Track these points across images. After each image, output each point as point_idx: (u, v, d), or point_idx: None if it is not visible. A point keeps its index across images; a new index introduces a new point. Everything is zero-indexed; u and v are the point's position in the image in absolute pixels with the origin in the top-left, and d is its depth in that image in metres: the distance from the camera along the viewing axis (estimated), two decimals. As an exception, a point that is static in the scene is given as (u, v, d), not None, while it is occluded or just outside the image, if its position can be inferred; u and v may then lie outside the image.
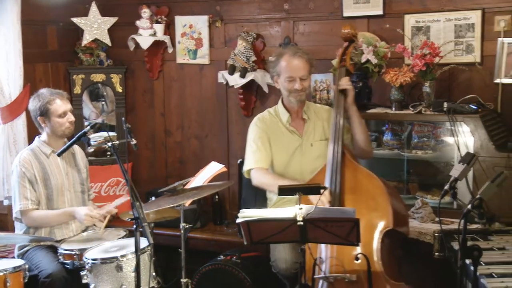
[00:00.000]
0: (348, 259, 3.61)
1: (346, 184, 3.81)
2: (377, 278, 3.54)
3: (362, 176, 3.82)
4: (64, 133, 4.25)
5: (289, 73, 4.06)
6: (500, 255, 3.27)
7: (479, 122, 4.09)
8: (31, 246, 4.16)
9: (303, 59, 4.07)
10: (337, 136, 3.88)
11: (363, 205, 3.63)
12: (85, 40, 5.39)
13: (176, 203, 4.03)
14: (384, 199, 3.69)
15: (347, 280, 3.56)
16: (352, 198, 3.76)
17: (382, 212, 3.67)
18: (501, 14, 4.36)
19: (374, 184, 3.76)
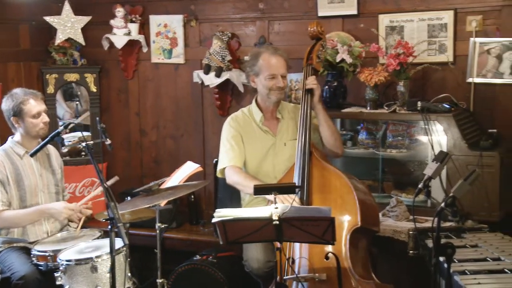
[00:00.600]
0: (318, 259, 3.64)
1: (314, 182, 3.83)
2: (346, 276, 3.56)
3: (330, 175, 3.84)
4: (38, 134, 4.21)
5: (270, 71, 4.05)
6: (473, 252, 3.32)
7: (452, 121, 4.14)
8: (3, 247, 4.10)
9: (283, 58, 4.09)
10: (304, 135, 3.90)
11: (331, 204, 3.62)
12: (58, 39, 5.35)
13: (151, 203, 4.02)
14: (352, 198, 3.71)
15: (317, 279, 3.58)
16: (320, 197, 3.79)
17: (350, 210, 3.69)
18: (472, 14, 4.42)
19: (342, 183, 3.77)
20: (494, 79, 4.39)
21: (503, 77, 4.37)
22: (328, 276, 3.58)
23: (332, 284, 3.57)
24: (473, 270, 3.04)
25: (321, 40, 4.23)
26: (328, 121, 4.08)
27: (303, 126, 3.94)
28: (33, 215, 4.14)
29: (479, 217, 3.91)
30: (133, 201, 4.14)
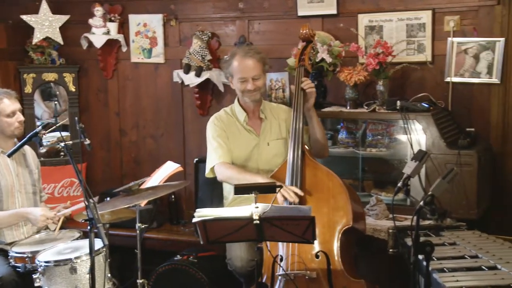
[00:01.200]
0: (309, 257, 3.64)
1: (307, 183, 3.83)
2: (336, 275, 3.57)
3: (323, 175, 3.85)
4: (13, 133, 4.19)
5: (240, 74, 4.05)
6: (452, 250, 3.35)
7: (431, 120, 4.17)
8: (-19, 249, 4.10)
9: (255, 59, 4.06)
10: (297, 137, 3.89)
11: (324, 204, 3.68)
12: (35, 39, 5.33)
13: (131, 203, 4.01)
14: (344, 198, 3.72)
15: (307, 277, 3.59)
16: (312, 197, 3.78)
17: (342, 210, 3.70)
18: (450, 14, 4.46)
19: (334, 183, 3.78)
20: (471, 78, 4.44)
21: (480, 76, 4.42)
22: (318, 274, 3.60)
23: (321, 283, 3.59)
24: (451, 268, 3.07)
25: (312, 42, 4.26)
26: (320, 124, 4.11)
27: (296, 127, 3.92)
28: (12, 217, 4.11)
29: (457, 215, 3.95)
30: (112, 201, 4.12)
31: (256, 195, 3.33)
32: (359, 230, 3.82)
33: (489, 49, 4.37)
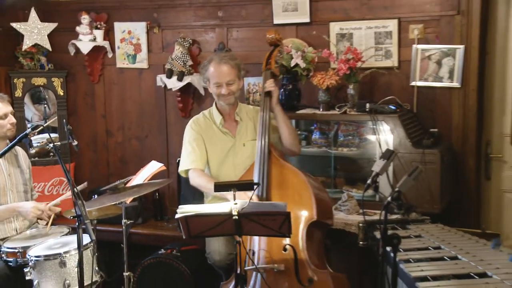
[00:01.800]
0: (277, 250, 3.67)
1: (273, 180, 3.86)
2: (303, 266, 3.61)
3: (288, 172, 3.88)
4: (5, 135, 4.17)
5: (215, 79, 4.07)
6: (417, 242, 3.37)
7: (398, 121, 4.20)
8: (-26, 244, 4.07)
9: (229, 65, 4.07)
10: (263, 133, 3.93)
11: (289, 199, 3.63)
12: (25, 45, 5.31)
13: (118, 200, 4.00)
14: (308, 194, 3.75)
15: (276, 270, 3.62)
16: (279, 193, 3.81)
17: (306, 205, 3.74)
18: (415, 23, 4.50)
19: (299, 180, 3.82)
20: (434, 82, 4.49)
21: (442, 81, 4.47)
22: (286, 266, 3.62)
23: (289, 274, 3.61)
24: (416, 258, 3.09)
25: (279, 46, 4.28)
26: (286, 121, 4.12)
27: (263, 127, 3.97)
28: (3, 212, 4.09)
29: (422, 210, 3.97)
30: (100, 199, 4.13)
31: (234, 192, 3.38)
32: (324, 223, 3.85)
33: (450, 55, 4.42)
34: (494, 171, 4.63)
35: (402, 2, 4.54)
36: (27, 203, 4.14)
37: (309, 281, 3.58)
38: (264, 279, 3.62)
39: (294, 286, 3.59)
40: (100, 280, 3.97)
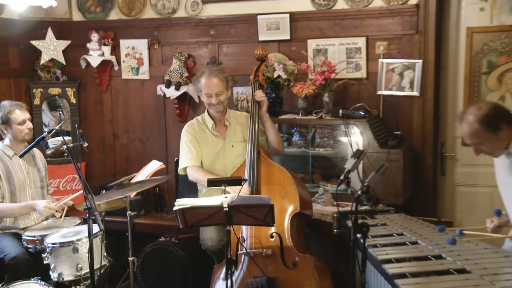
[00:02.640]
0: (265, 237, 3.68)
1: (262, 176, 3.86)
2: (287, 251, 3.62)
3: (275, 169, 3.88)
4: (24, 138, 4.18)
5: (206, 90, 4.07)
6: (383, 229, 3.40)
7: (366, 125, 4.23)
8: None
9: (218, 78, 4.06)
10: (253, 138, 3.93)
11: (276, 193, 3.70)
12: (43, 60, 5.29)
13: (123, 194, 4.00)
14: (292, 188, 3.77)
15: (264, 254, 3.63)
16: (267, 188, 3.82)
17: (291, 198, 3.75)
18: (380, 41, 4.53)
19: (284, 176, 3.83)
20: (397, 91, 4.51)
21: (404, 90, 4.49)
22: (273, 251, 3.64)
23: (276, 258, 3.62)
24: (382, 244, 3.11)
25: (265, 61, 4.29)
26: (273, 126, 4.15)
27: (252, 132, 3.97)
28: (23, 208, 4.12)
29: (387, 201, 3.99)
30: (107, 193, 4.11)
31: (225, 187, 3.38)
32: (306, 214, 3.87)
33: (410, 68, 4.45)
34: (448, 168, 4.68)
35: (369, 22, 4.56)
36: (41, 202, 4.14)
37: (293, 264, 3.60)
38: (254, 261, 3.63)
39: (280, 268, 3.60)
40: (108, 264, 4.00)
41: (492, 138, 2.94)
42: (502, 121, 2.92)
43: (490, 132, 2.92)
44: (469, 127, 2.94)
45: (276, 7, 4.80)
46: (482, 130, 2.92)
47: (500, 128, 2.92)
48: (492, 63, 4.39)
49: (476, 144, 3.00)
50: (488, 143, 2.97)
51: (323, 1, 4.67)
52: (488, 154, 3.07)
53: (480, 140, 2.96)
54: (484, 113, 2.91)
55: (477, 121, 2.91)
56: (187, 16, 5.12)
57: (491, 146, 2.99)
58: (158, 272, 4.60)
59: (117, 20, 5.37)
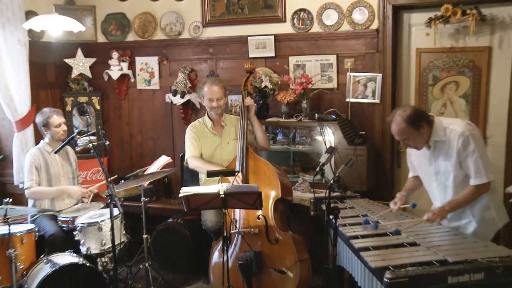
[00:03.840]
0: (253, 219, 3.71)
1: (250, 168, 3.88)
2: (271, 230, 3.65)
3: (261, 163, 3.90)
4: (60, 138, 4.19)
5: (209, 96, 4.08)
6: (351, 211, 3.44)
7: (337, 126, 4.25)
8: (38, 215, 4.10)
9: (218, 86, 4.09)
10: (243, 137, 3.95)
11: (261, 183, 3.72)
12: (73, 74, 5.28)
13: (138, 184, 4.03)
14: (275, 178, 3.79)
15: (252, 232, 3.67)
16: (254, 178, 3.84)
17: (274, 186, 3.77)
18: (348, 58, 4.54)
19: (268, 168, 3.85)
20: (362, 99, 4.52)
21: (368, 98, 4.50)
22: (259, 230, 3.67)
23: (262, 236, 3.65)
24: (351, 223, 3.15)
25: (253, 73, 4.31)
26: (261, 127, 4.16)
27: (242, 132, 3.99)
28: (57, 192, 4.18)
29: (354, 189, 4.02)
30: (125, 183, 4.13)
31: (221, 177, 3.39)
32: (287, 199, 3.89)
33: (372, 80, 4.46)
34: (402, 161, 4.67)
35: (339, 43, 4.57)
36: (74, 186, 4.24)
37: (276, 240, 3.62)
38: (244, 239, 3.64)
39: (265, 244, 3.63)
40: (126, 240, 4.06)
41: (415, 134, 2.99)
42: (423, 120, 2.98)
43: (414, 129, 2.97)
44: (398, 126, 2.99)
45: (263, 30, 4.80)
46: (408, 128, 2.96)
47: (421, 125, 2.97)
48: (436, 77, 4.41)
49: (404, 139, 3.04)
50: (413, 138, 3.02)
51: (302, 26, 4.68)
52: (414, 148, 3.11)
53: (406, 136, 3.01)
54: (409, 114, 2.96)
55: (403, 121, 2.96)
56: (190, 37, 5.11)
57: (415, 141, 3.04)
58: (167, 247, 4.61)
59: (133, 41, 5.35)
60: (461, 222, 3.06)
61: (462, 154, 2.92)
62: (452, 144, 2.95)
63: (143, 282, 4.32)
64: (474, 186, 2.92)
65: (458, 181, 3.00)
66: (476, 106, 4.32)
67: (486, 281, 2.38)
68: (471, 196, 2.94)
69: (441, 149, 3.02)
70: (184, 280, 4.44)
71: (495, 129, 4.31)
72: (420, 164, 3.27)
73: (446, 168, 3.03)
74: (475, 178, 2.91)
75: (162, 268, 4.63)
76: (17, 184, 4.77)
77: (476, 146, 2.89)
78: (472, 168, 2.90)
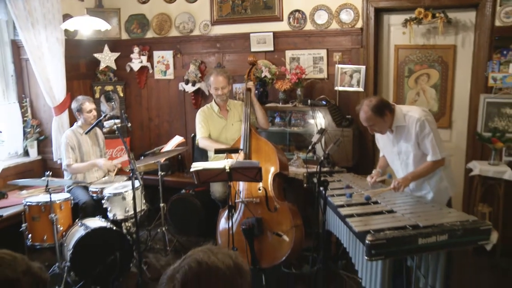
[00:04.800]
0: (254, 190, 3.71)
1: (252, 147, 3.87)
2: (270, 200, 3.66)
3: (262, 142, 3.89)
4: (90, 122, 4.18)
5: (215, 85, 4.05)
6: (338, 184, 3.43)
7: (327, 111, 4.24)
8: (73, 186, 4.12)
9: (223, 76, 4.05)
10: (246, 119, 3.93)
11: (262, 159, 3.72)
12: (101, 66, 5.26)
13: (155, 160, 4.07)
14: (274, 155, 3.78)
15: (254, 202, 3.67)
16: (256, 155, 3.83)
17: (273, 162, 3.76)
18: (336, 52, 4.51)
19: (269, 147, 3.84)
20: (349, 88, 4.49)
21: (353, 87, 4.47)
22: (260, 200, 3.67)
23: (262, 204, 3.66)
24: (338, 194, 3.15)
25: (255, 65, 4.29)
26: (261, 108, 4.13)
27: (245, 115, 3.96)
28: (89, 166, 4.19)
29: (341, 164, 4.03)
30: (145, 159, 4.16)
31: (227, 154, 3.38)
32: (284, 174, 3.89)
33: (357, 72, 4.43)
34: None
35: (329, 39, 4.53)
36: (102, 159, 4.23)
37: (275, 208, 3.64)
38: (247, 207, 3.65)
39: (265, 211, 3.64)
40: (146, 208, 4.06)
41: (380, 121, 3.00)
42: (386, 108, 2.99)
43: (379, 117, 2.98)
44: (365, 114, 3.00)
45: (264, 28, 4.75)
46: (374, 115, 2.98)
47: (385, 113, 2.99)
48: (411, 70, 4.40)
49: (371, 125, 3.05)
50: (378, 124, 3.03)
51: (297, 24, 4.63)
52: (379, 132, 3.14)
53: (372, 122, 3.02)
54: (374, 104, 2.98)
55: (370, 109, 2.97)
56: (200, 34, 5.07)
57: (380, 126, 3.05)
58: (181, 214, 4.64)
59: (151, 38, 5.30)
60: (422, 193, 3.13)
61: (419, 136, 2.97)
62: (410, 128, 2.99)
63: (161, 243, 4.37)
64: (431, 162, 2.98)
65: (417, 159, 3.05)
66: (444, 95, 4.35)
67: (449, 241, 2.44)
68: (428, 169, 3.00)
69: (401, 132, 3.05)
70: (195, 242, 4.48)
71: (458, 114, 4.34)
72: (384, 146, 3.31)
73: (407, 149, 3.06)
74: (431, 155, 2.96)
75: (176, 231, 4.66)
76: (55, 160, 4.80)
77: (430, 129, 2.94)
78: (429, 147, 2.96)
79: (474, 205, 4.05)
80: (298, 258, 3.82)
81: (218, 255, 1.11)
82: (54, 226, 3.50)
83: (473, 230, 2.47)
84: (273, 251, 3.55)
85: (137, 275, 3.57)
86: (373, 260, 2.39)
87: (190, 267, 1.08)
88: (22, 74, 4.86)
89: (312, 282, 3.58)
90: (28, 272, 1.15)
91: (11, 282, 1.10)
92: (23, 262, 1.17)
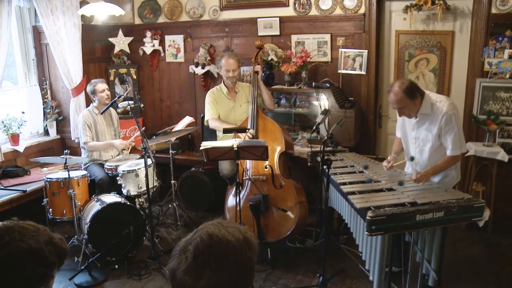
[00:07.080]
0: (261, 168, 3.70)
1: (259, 127, 3.85)
2: (276, 177, 3.65)
3: (268, 122, 3.87)
4: (105, 102, 4.17)
5: (226, 67, 4.02)
6: (341, 163, 3.44)
7: (331, 93, 4.20)
8: (90, 163, 4.13)
9: (234, 59, 4.03)
10: (254, 101, 3.91)
11: (269, 138, 3.71)
12: (115, 50, 5.23)
13: (167, 139, 4.04)
14: (280, 135, 3.77)
15: (260, 179, 3.67)
16: (263, 135, 3.81)
17: (279, 142, 3.75)
18: (340, 36, 4.45)
19: (275, 127, 3.82)
20: (351, 71, 4.44)
21: (356, 70, 4.42)
22: (267, 177, 3.67)
23: (269, 182, 3.66)
24: (340, 172, 3.16)
25: (262, 49, 4.25)
26: (266, 90, 4.10)
27: (253, 96, 3.93)
28: (105, 145, 4.20)
29: (344, 144, 4.00)
30: (157, 138, 4.13)
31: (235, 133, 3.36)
32: (289, 153, 3.88)
33: (360, 55, 4.37)
34: (383, 123, 4.65)
35: (333, 24, 4.46)
36: (117, 140, 4.23)
37: (280, 185, 3.63)
38: (253, 184, 3.65)
39: (271, 188, 3.64)
40: (158, 185, 4.08)
41: (411, 104, 2.85)
42: (417, 92, 2.85)
43: (410, 99, 2.83)
44: (396, 96, 2.84)
45: (270, 13, 4.68)
46: (405, 98, 2.82)
47: (416, 97, 2.84)
48: (411, 54, 4.34)
49: (401, 108, 2.89)
50: (408, 107, 2.87)
51: (302, 10, 4.55)
52: (407, 116, 2.96)
53: (403, 105, 2.86)
54: (406, 86, 2.83)
55: (402, 90, 2.82)
56: (210, 19, 5.00)
57: (410, 110, 2.89)
58: (191, 191, 4.66)
59: (163, 22, 5.23)
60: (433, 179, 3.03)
61: (443, 130, 2.84)
62: (435, 119, 2.84)
63: (172, 218, 4.39)
64: (450, 156, 2.86)
65: (434, 149, 2.94)
66: (442, 78, 4.31)
67: (445, 217, 2.44)
68: (448, 163, 2.89)
69: (425, 120, 2.91)
70: (204, 217, 4.50)
71: (456, 97, 4.27)
72: (403, 126, 3.16)
73: (426, 137, 2.94)
74: (451, 150, 2.84)
75: (186, 207, 4.69)
76: (73, 139, 4.83)
77: (455, 125, 2.81)
78: (450, 143, 2.83)
79: (469, 184, 4.06)
80: (302, 233, 3.83)
81: (228, 228, 1.11)
82: (72, 201, 3.53)
83: (468, 207, 2.47)
84: (278, 226, 3.56)
85: (149, 248, 3.61)
86: (373, 235, 2.39)
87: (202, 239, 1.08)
88: (42, 58, 4.84)
89: (315, 256, 3.60)
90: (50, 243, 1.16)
91: (34, 250, 1.12)
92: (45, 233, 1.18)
